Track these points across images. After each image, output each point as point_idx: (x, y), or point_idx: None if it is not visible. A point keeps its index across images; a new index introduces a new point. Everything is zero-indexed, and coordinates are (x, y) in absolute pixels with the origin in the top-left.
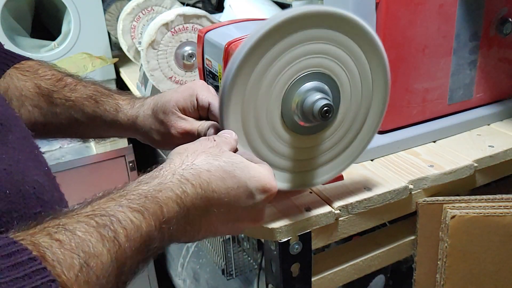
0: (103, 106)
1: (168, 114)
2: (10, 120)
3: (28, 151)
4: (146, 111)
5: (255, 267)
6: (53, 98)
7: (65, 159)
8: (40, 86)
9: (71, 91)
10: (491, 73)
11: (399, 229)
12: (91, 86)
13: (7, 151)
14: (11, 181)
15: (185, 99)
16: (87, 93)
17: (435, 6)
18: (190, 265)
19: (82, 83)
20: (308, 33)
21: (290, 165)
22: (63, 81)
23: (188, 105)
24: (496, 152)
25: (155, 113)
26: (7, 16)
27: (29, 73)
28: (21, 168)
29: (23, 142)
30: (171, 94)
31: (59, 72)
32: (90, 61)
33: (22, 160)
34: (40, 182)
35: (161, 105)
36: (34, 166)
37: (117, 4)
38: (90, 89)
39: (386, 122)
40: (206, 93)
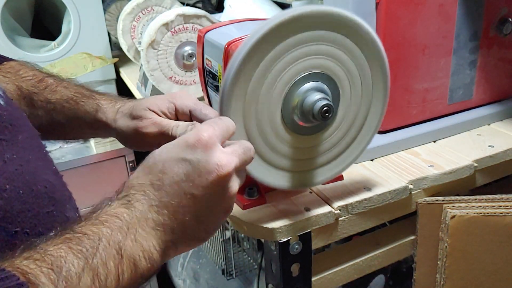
0: (84, 107)
1: (141, 110)
2: (18, 120)
3: (37, 151)
4: (124, 110)
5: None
6: (34, 101)
7: (65, 159)
8: (21, 88)
9: (52, 93)
10: (491, 73)
11: (399, 229)
12: (73, 87)
13: (18, 151)
14: (23, 181)
15: (162, 102)
16: (68, 95)
17: (435, 6)
18: (190, 265)
19: (64, 84)
20: (308, 34)
21: (290, 164)
22: (44, 82)
23: (165, 109)
24: (496, 152)
25: (130, 111)
26: (7, 16)
27: (10, 75)
28: (32, 168)
29: (32, 142)
30: (151, 98)
31: (40, 73)
32: (90, 61)
33: (32, 159)
34: (51, 181)
35: (138, 104)
36: (44, 165)
37: (117, 4)
38: (71, 91)
39: (386, 122)
40: (186, 101)
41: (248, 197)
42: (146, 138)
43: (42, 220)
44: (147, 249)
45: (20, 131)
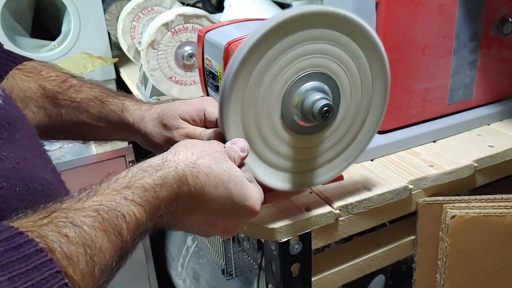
0: (109, 106)
1: (173, 119)
2: (16, 118)
3: (34, 149)
4: (152, 114)
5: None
6: (58, 100)
7: (65, 159)
8: (44, 87)
9: (76, 92)
10: (491, 73)
11: (399, 229)
12: (97, 88)
13: (15, 150)
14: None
15: (193, 110)
16: (93, 94)
17: (435, 6)
18: (190, 265)
19: (87, 85)
20: (308, 33)
21: (290, 165)
22: (68, 82)
23: (195, 117)
24: (496, 152)
25: (160, 117)
26: (7, 16)
27: (32, 74)
28: (29, 166)
29: (30, 140)
30: (180, 104)
31: (63, 73)
32: (90, 61)
33: (30, 158)
34: (48, 179)
35: (168, 111)
36: (41, 163)
37: (117, 4)
38: (95, 90)
39: (386, 122)
40: (214, 109)
41: None
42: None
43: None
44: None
45: (18, 130)
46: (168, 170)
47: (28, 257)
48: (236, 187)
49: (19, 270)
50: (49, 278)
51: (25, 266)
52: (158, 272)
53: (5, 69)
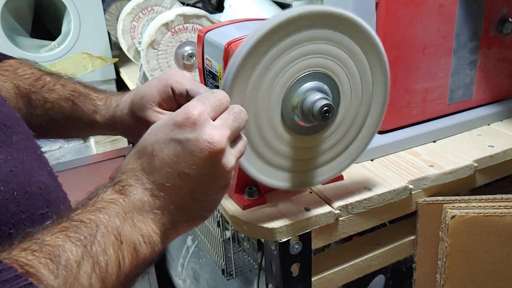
0: (81, 108)
1: (145, 110)
2: (13, 121)
3: (31, 152)
4: (123, 110)
5: (255, 267)
6: (32, 100)
7: (65, 159)
8: (19, 86)
9: (49, 92)
10: (491, 73)
11: (399, 229)
12: (70, 86)
13: (12, 153)
14: (17, 182)
15: (159, 92)
16: (65, 94)
17: (435, 6)
18: (190, 265)
19: (61, 82)
20: (308, 33)
21: (290, 164)
22: (42, 80)
23: (164, 97)
24: (496, 152)
25: (132, 112)
26: (7, 16)
27: (8, 73)
28: (27, 169)
29: (26, 142)
30: (144, 89)
31: (39, 71)
32: (90, 61)
33: (27, 161)
34: (45, 182)
35: (137, 102)
36: (38, 166)
37: (117, 4)
38: (68, 89)
39: (386, 122)
40: (181, 81)
41: (248, 197)
42: None
43: (36, 222)
44: (146, 233)
45: (15, 132)
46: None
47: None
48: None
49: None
50: None
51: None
52: (158, 272)
53: None
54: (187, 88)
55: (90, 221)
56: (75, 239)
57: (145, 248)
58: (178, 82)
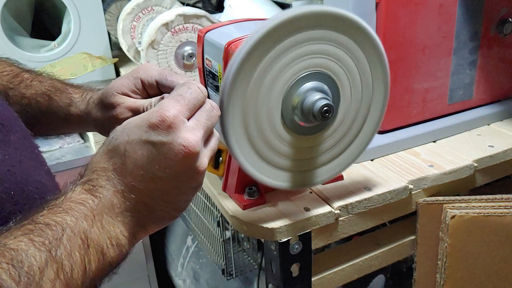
0: (57, 102)
1: (111, 96)
2: (10, 120)
3: (29, 151)
4: (94, 101)
5: (255, 267)
6: (9, 96)
7: (65, 159)
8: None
9: (26, 88)
10: (491, 73)
11: (399, 229)
12: (47, 82)
13: (10, 152)
14: (15, 182)
15: (129, 82)
16: (42, 90)
17: (435, 6)
18: (190, 265)
19: (38, 79)
20: (308, 33)
21: (290, 164)
22: (20, 77)
23: (133, 87)
24: (496, 152)
25: (101, 99)
26: (7, 16)
27: None
28: (24, 169)
29: (24, 142)
30: (116, 80)
31: (18, 68)
32: (90, 61)
33: (24, 160)
34: (43, 182)
35: (106, 91)
36: (36, 166)
37: (117, 4)
38: (45, 85)
39: (386, 122)
40: (150, 72)
41: (248, 197)
42: None
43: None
44: (114, 235)
45: (12, 131)
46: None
47: None
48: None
49: None
50: None
51: None
52: (158, 272)
53: None
54: (156, 79)
55: (56, 223)
56: (39, 243)
57: (112, 251)
58: (147, 74)
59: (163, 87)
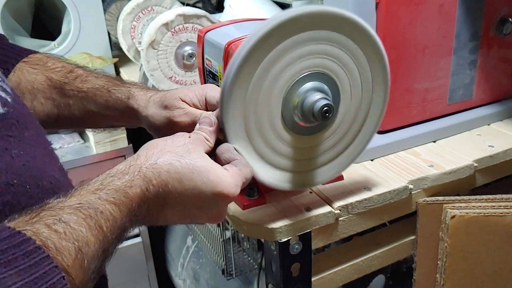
0: (116, 94)
1: (173, 100)
2: (25, 117)
3: (43, 147)
4: (156, 98)
5: (255, 267)
6: (66, 90)
7: (65, 159)
8: (51, 78)
9: (83, 82)
10: (491, 73)
11: (399, 229)
12: (103, 77)
13: (24, 148)
14: (30, 176)
15: (195, 94)
16: (99, 84)
17: (435, 6)
18: (190, 265)
19: (93, 74)
20: (308, 34)
21: (291, 164)
22: (74, 72)
23: (196, 101)
24: (496, 152)
25: (162, 99)
26: (7, 16)
27: (39, 66)
28: (39, 164)
29: (38, 138)
30: (183, 88)
31: (69, 64)
32: (90, 61)
33: (39, 156)
34: (56, 177)
35: (170, 94)
36: (50, 161)
37: (117, 4)
38: (102, 80)
39: (386, 122)
40: (216, 93)
41: (248, 197)
42: (178, 127)
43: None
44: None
45: (27, 128)
46: (134, 174)
47: (29, 254)
48: (201, 176)
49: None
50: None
51: (27, 262)
52: (158, 272)
53: (12, 63)
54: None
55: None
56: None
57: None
58: (212, 95)
59: None
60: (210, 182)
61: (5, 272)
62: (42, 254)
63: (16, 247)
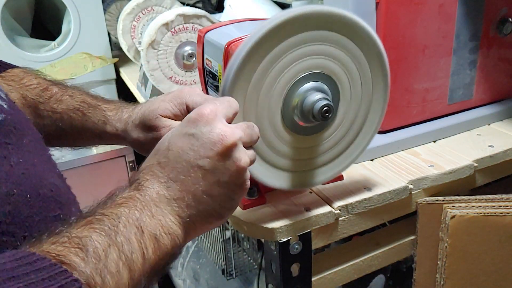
0: (91, 119)
1: (155, 120)
2: (22, 123)
3: (41, 154)
4: (134, 121)
5: (255, 267)
6: (40, 110)
7: (65, 159)
8: (26, 97)
9: (57, 102)
10: (491, 73)
11: (399, 229)
12: (78, 97)
13: (23, 155)
14: (30, 185)
15: (174, 106)
16: (74, 105)
17: (435, 6)
18: (190, 265)
19: (68, 93)
20: (308, 34)
21: (291, 164)
22: (49, 90)
23: (177, 112)
24: (496, 152)
25: (142, 121)
26: (7, 16)
27: (14, 83)
28: (38, 172)
29: (36, 145)
30: (159, 102)
31: (45, 81)
32: (90, 61)
33: (38, 163)
34: (56, 184)
35: (148, 113)
36: (49, 168)
37: (117, 4)
38: (76, 100)
39: (386, 122)
40: (195, 98)
41: (248, 197)
42: None
43: (49, 224)
44: (165, 224)
45: (25, 135)
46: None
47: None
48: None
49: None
50: None
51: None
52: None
53: None
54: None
55: (112, 213)
56: (99, 230)
57: (166, 239)
58: (193, 100)
59: None
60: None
61: None
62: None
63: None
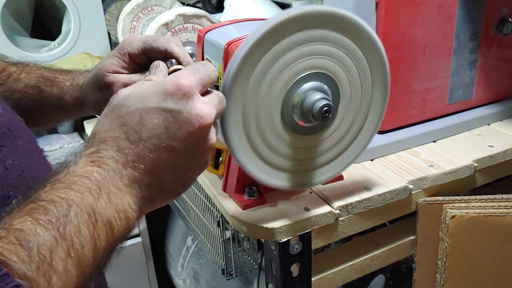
0: (48, 92)
1: (104, 77)
2: (16, 125)
3: (36, 155)
4: (88, 84)
5: (255, 267)
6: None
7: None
8: None
9: (15, 81)
10: (491, 73)
11: (399, 229)
12: (35, 72)
13: (18, 157)
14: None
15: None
16: (32, 82)
17: (435, 6)
18: (190, 265)
19: (26, 70)
20: (308, 34)
21: (290, 164)
22: (7, 71)
23: (122, 63)
24: (496, 152)
25: (95, 83)
26: (7, 16)
27: None
28: (34, 173)
29: (30, 146)
30: (105, 60)
31: (3, 62)
32: (90, 61)
33: (33, 165)
34: None
35: (97, 72)
36: (44, 170)
37: (117, 4)
38: (34, 76)
39: (386, 122)
40: (135, 44)
41: (248, 197)
42: None
43: None
44: (122, 208)
45: (19, 136)
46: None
47: None
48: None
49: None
50: None
51: None
52: (158, 272)
53: None
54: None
55: (60, 199)
56: (45, 221)
57: (120, 225)
58: (133, 47)
59: (152, 53)
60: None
61: None
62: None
63: None
